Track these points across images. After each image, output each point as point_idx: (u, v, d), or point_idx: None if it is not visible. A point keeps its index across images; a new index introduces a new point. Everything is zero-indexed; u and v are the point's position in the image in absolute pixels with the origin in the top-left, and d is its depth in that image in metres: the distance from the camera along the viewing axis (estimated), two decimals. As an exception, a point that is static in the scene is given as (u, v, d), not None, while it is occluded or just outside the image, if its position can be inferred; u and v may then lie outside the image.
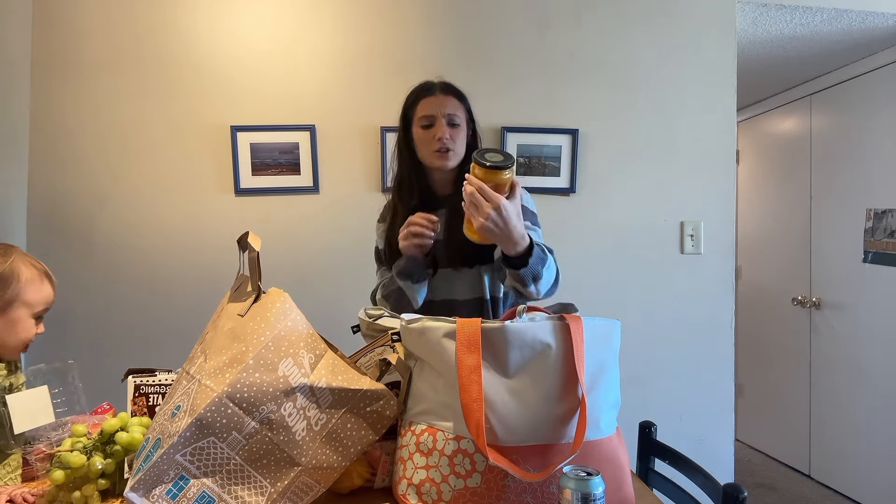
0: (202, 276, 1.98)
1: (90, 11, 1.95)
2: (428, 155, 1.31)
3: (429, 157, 1.31)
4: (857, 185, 2.77)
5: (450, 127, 1.30)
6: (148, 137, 1.97)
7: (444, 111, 1.30)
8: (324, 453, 0.80)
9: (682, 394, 2.19)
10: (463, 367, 0.77)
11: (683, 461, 1.08)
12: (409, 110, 1.36)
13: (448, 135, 1.29)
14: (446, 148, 1.29)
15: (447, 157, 1.30)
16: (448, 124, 1.29)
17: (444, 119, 1.29)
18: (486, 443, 0.73)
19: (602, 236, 2.16)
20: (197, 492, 0.72)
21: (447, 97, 1.32)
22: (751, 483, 2.98)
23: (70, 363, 1.15)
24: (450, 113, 1.30)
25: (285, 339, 0.78)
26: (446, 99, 1.32)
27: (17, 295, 1.14)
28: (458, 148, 1.31)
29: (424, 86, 1.36)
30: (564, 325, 0.81)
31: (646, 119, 2.18)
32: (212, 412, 0.71)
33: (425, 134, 1.31)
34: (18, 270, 1.15)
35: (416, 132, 1.33)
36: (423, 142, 1.32)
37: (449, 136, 1.29)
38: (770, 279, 3.36)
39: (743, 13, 2.26)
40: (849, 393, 2.79)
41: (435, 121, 1.30)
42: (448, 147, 1.29)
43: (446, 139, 1.28)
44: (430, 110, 1.30)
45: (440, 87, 1.34)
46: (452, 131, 1.30)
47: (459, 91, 1.36)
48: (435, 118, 1.30)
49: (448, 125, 1.29)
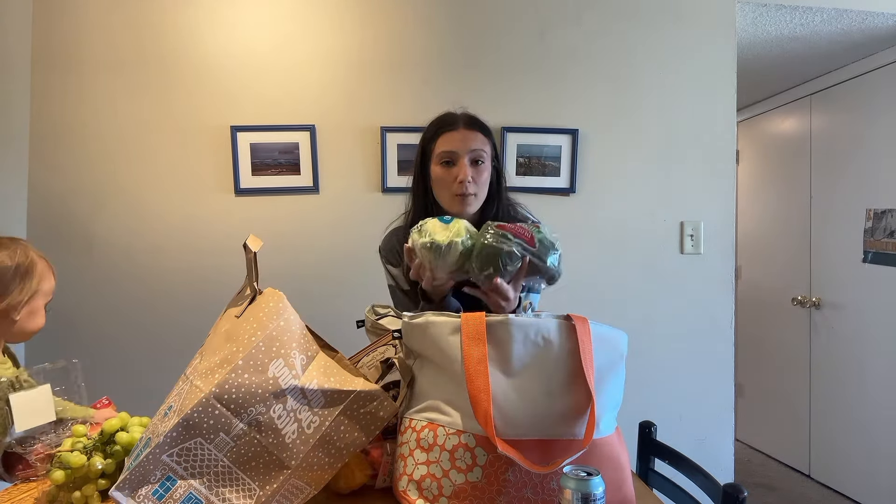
0: (202, 276, 1.98)
1: (90, 11, 1.95)
2: (447, 198, 1.19)
3: (447, 201, 1.19)
4: (857, 185, 2.77)
5: (472, 166, 1.17)
6: (148, 137, 1.97)
7: (468, 148, 1.17)
8: (315, 456, 0.79)
9: (682, 394, 2.19)
10: (469, 358, 0.78)
11: (683, 461, 1.08)
12: (427, 144, 1.22)
13: (471, 176, 1.16)
14: (468, 192, 1.16)
15: (467, 202, 1.17)
16: (471, 163, 1.17)
17: (468, 157, 1.16)
18: (494, 432, 0.73)
19: (602, 236, 2.16)
20: (184, 493, 0.71)
21: (472, 132, 1.19)
22: (751, 483, 2.98)
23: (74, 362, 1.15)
24: (474, 149, 1.17)
25: (277, 339, 0.77)
26: (471, 134, 1.18)
27: (38, 285, 1.17)
28: (481, 192, 1.19)
29: (446, 119, 1.22)
30: (570, 324, 0.82)
31: (646, 119, 2.18)
32: (199, 412, 0.71)
33: (445, 173, 1.17)
34: (36, 261, 1.18)
35: (434, 170, 1.19)
36: (441, 182, 1.18)
37: (472, 177, 1.16)
38: (770, 279, 3.36)
39: (743, 13, 2.26)
40: (849, 393, 2.79)
41: (457, 158, 1.17)
42: (470, 192, 1.16)
43: (468, 182, 1.15)
44: (451, 146, 1.17)
45: (464, 121, 1.20)
46: (475, 172, 1.17)
47: (485, 125, 1.23)
48: (457, 156, 1.17)
49: (471, 164, 1.17)
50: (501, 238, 0.97)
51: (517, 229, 0.99)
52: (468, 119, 1.22)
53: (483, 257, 0.97)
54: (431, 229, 1.00)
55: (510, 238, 0.97)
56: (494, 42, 2.11)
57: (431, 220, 1.02)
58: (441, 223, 1.01)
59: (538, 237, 1.00)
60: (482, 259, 0.97)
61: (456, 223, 1.01)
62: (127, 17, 1.96)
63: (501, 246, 0.96)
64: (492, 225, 0.99)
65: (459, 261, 0.99)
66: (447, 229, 0.99)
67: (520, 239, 0.98)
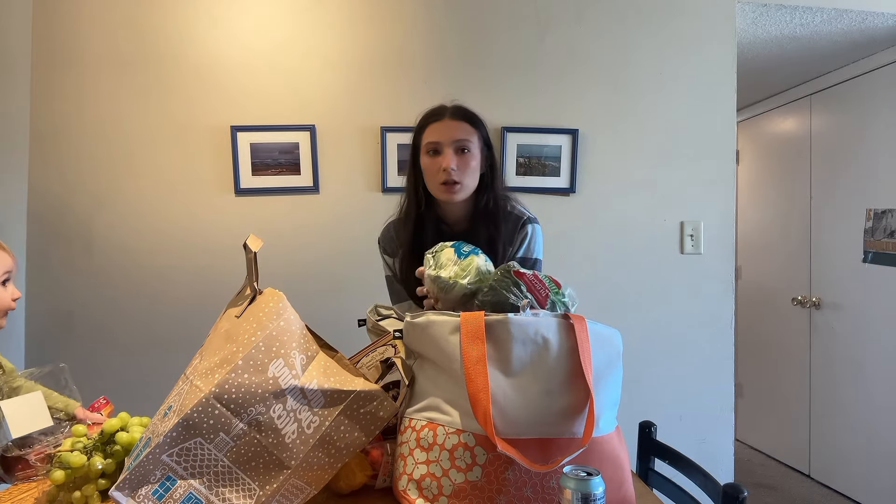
0: (202, 276, 1.98)
1: (90, 11, 1.95)
2: (434, 187, 1.22)
3: (435, 190, 1.22)
4: (857, 185, 2.77)
5: (458, 155, 1.19)
6: (148, 137, 1.97)
7: (452, 138, 1.19)
8: (315, 456, 0.78)
9: (682, 394, 2.19)
10: (468, 357, 0.78)
11: (683, 461, 1.08)
12: (417, 137, 1.26)
13: (455, 164, 1.18)
14: (452, 180, 1.18)
15: (452, 190, 1.19)
16: (456, 152, 1.19)
17: (452, 147, 1.19)
18: (494, 431, 0.73)
19: (602, 236, 2.16)
20: (184, 493, 0.71)
21: (457, 122, 1.22)
22: (751, 483, 2.98)
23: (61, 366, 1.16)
24: (459, 139, 1.19)
25: (277, 339, 0.77)
26: (455, 124, 1.21)
27: None
28: (467, 180, 1.21)
29: (434, 110, 1.26)
30: (568, 323, 0.82)
31: (646, 119, 2.18)
32: (198, 412, 0.71)
33: (431, 162, 1.21)
34: None
35: (422, 160, 1.23)
36: (428, 171, 1.22)
37: (456, 165, 1.18)
38: (770, 279, 3.36)
39: (743, 13, 2.26)
40: (849, 393, 2.79)
41: (441, 148, 1.19)
42: (454, 179, 1.18)
43: (452, 169, 1.18)
44: (436, 137, 1.20)
45: (450, 112, 1.24)
46: (460, 160, 1.19)
47: (473, 115, 1.25)
48: (441, 145, 1.19)
49: (456, 153, 1.19)
50: (512, 287, 0.91)
51: (533, 283, 0.93)
52: (454, 110, 1.25)
53: (487, 302, 0.92)
54: (443, 261, 0.97)
55: (520, 291, 0.91)
56: (494, 42, 2.11)
57: (448, 250, 0.99)
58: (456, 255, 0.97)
59: (553, 299, 0.94)
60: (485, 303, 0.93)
61: (470, 260, 0.96)
62: (127, 17, 1.96)
63: (508, 297, 0.91)
64: (510, 268, 0.94)
65: (462, 300, 0.96)
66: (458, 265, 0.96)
67: (532, 295, 0.92)
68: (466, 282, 0.94)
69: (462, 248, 0.99)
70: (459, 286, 0.94)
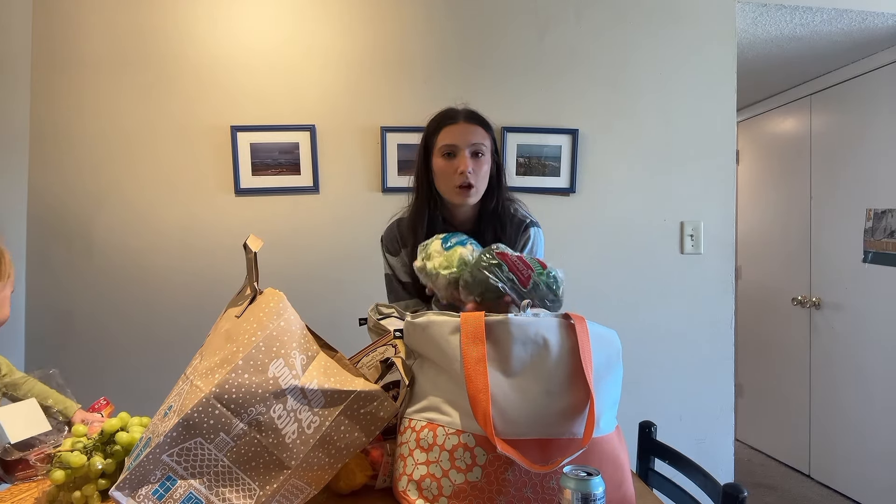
0: (202, 277, 1.98)
1: (90, 12, 1.95)
2: (448, 189, 1.23)
3: (449, 192, 1.24)
4: (857, 185, 2.77)
5: (473, 159, 1.21)
6: (148, 137, 1.97)
7: (469, 141, 1.21)
8: (315, 456, 0.78)
9: (682, 394, 2.19)
10: (468, 358, 0.78)
11: (683, 461, 1.08)
12: (429, 138, 1.27)
13: (471, 168, 1.20)
14: (468, 183, 1.20)
15: (468, 193, 1.22)
16: (471, 155, 1.21)
17: (468, 150, 1.21)
18: (494, 432, 0.73)
19: (602, 236, 2.16)
20: (184, 493, 0.71)
21: (472, 126, 1.24)
22: (751, 483, 2.98)
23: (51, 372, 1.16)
24: (474, 143, 1.22)
25: (277, 339, 0.77)
26: (471, 128, 1.23)
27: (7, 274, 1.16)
28: (480, 183, 1.23)
29: (448, 113, 1.27)
30: (569, 323, 0.82)
31: (646, 119, 2.18)
32: (199, 412, 0.71)
33: (447, 165, 1.22)
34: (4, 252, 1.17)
35: (436, 162, 1.24)
36: (443, 174, 1.23)
37: (472, 169, 1.20)
38: (770, 279, 3.36)
39: (743, 13, 2.26)
40: (849, 393, 2.79)
41: (458, 151, 1.21)
42: (470, 182, 1.20)
43: (469, 173, 1.20)
44: (452, 139, 1.22)
45: (465, 115, 1.26)
46: (475, 164, 1.22)
47: (485, 120, 1.27)
48: (458, 148, 1.21)
49: (471, 156, 1.21)
50: (493, 268, 0.95)
51: (515, 263, 0.96)
52: (469, 113, 1.27)
53: (469, 283, 0.97)
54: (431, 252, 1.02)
55: (502, 270, 0.95)
56: (494, 42, 2.11)
57: (436, 241, 1.04)
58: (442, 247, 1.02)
59: (535, 279, 0.96)
60: (468, 284, 0.97)
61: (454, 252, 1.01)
62: (127, 18, 1.96)
63: (487, 277, 0.95)
64: (494, 250, 0.98)
65: (449, 287, 1.01)
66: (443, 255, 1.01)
67: (513, 274, 0.95)
68: (448, 272, 1.00)
69: (449, 240, 1.04)
70: (441, 276, 1.00)
